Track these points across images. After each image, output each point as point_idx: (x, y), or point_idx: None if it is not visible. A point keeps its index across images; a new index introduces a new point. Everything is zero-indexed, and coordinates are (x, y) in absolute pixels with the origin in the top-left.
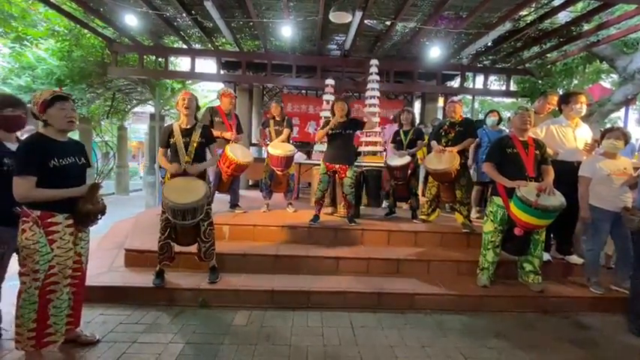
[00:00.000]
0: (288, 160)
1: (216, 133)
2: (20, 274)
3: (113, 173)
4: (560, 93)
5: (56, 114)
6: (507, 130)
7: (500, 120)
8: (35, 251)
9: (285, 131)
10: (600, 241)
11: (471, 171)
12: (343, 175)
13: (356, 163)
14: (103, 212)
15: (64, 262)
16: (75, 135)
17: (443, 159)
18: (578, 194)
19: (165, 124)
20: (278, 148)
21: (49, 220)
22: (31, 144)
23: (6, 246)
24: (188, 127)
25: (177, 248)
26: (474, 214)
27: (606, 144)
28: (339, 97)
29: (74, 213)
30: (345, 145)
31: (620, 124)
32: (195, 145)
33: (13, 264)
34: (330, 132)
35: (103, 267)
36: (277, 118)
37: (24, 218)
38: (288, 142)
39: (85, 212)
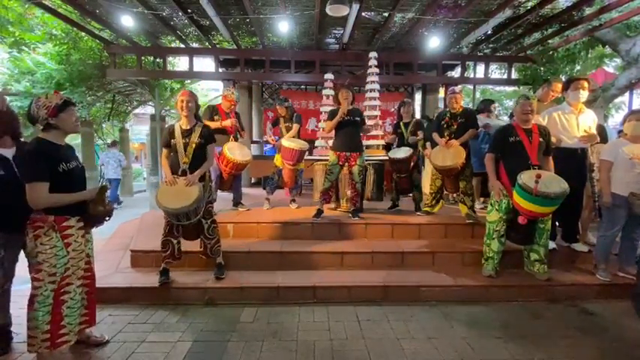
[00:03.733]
0: (301, 155)
1: (215, 124)
2: (34, 279)
3: None
4: (563, 80)
5: (68, 118)
6: (506, 119)
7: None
8: (53, 255)
9: (295, 127)
10: (615, 227)
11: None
12: (353, 163)
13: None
14: (111, 213)
15: (77, 264)
16: (77, 138)
17: (448, 155)
18: (600, 179)
19: (167, 125)
20: (293, 142)
21: (65, 224)
22: (39, 149)
23: (2, 250)
24: (188, 127)
25: (183, 247)
26: (478, 205)
27: (629, 127)
28: (343, 85)
29: (84, 215)
30: (355, 133)
31: (625, 108)
32: (194, 146)
33: (20, 269)
34: (339, 121)
35: (110, 268)
36: (286, 117)
37: (38, 224)
38: (298, 137)
39: (96, 214)
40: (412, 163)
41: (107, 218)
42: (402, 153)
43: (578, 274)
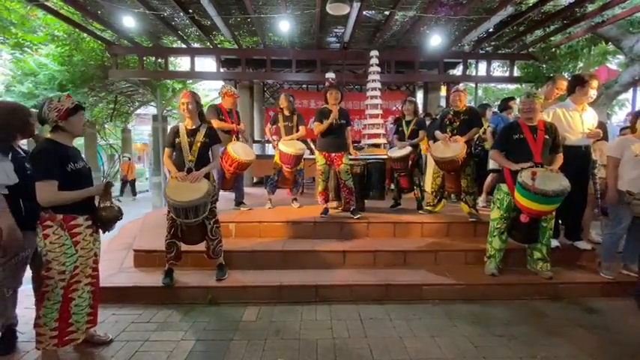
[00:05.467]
0: (297, 159)
1: (229, 126)
2: (45, 277)
3: (119, 176)
4: (567, 77)
5: (77, 122)
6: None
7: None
8: (62, 253)
9: (302, 129)
10: (620, 225)
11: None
12: (339, 163)
13: (360, 156)
14: (121, 214)
15: (85, 262)
16: (80, 139)
17: (449, 148)
18: (607, 175)
19: (170, 125)
20: (289, 146)
21: (73, 223)
22: (49, 149)
23: (30, 250)
24: (193, 127)
25: (184, 247)
26: (481, 203)
27: (639, 124)
28: (332, 85)
29: (95, 217)
30: (339, 134)
31: (628, 105)
32: (199, 144)
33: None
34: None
35: (113, 268)
36: (286, 113)
37: (47, 222)
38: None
39: (111, 217)
40: (411, 161)
41: (120, 217)
42: (400, 151)
43: (582, 272)
